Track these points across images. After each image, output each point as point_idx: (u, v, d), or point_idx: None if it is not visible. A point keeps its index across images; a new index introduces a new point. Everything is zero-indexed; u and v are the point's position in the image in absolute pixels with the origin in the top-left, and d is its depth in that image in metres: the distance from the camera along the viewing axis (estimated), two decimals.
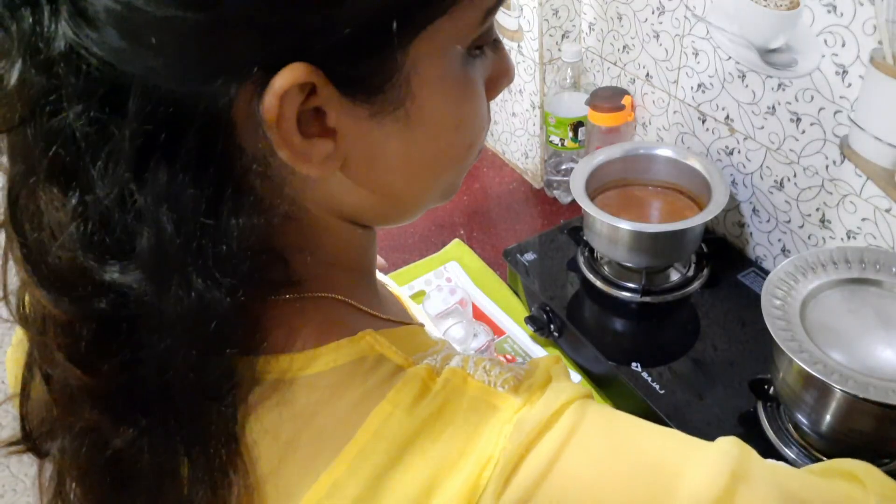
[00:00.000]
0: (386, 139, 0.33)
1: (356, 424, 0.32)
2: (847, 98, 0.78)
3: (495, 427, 0.32)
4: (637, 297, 0.94)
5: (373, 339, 0.36)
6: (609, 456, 0.33)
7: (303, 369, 0.34)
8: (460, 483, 0.30)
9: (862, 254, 0.72)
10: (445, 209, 1.30)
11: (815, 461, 0.72)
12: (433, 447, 0.32)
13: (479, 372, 0.35)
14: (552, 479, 0.31)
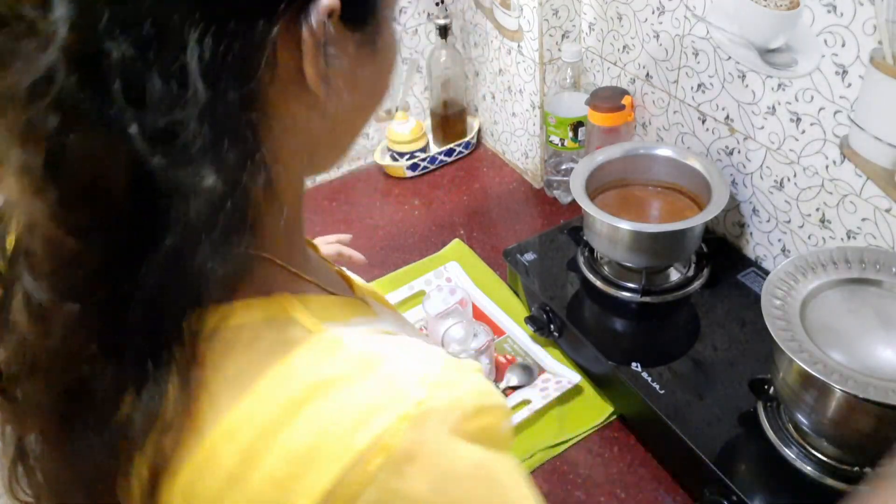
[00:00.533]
0: (363, 69, 0.39)
1: (255, 378, 0.34)
2: (847, 98, 0.78)
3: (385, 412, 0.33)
4: (637, 297, 0.94)
5: (287, 301, 0.38)
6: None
7: (224, 320, 0.36)
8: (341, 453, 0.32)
9: (862, 254, 0.72)
10: (445, 209, 1.30)
11: (815, 461, 0.72)
12: (321, 412, 0.33)
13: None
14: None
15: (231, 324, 0.36)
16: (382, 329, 0.41)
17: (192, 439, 0.34)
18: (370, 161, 1.47)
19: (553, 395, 0.90)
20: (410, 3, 1.35)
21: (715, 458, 0.74)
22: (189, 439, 0.34)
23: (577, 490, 0.82)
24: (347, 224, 1.30)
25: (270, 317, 0.37)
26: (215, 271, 0.33)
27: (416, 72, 1.44)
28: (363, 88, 0.40)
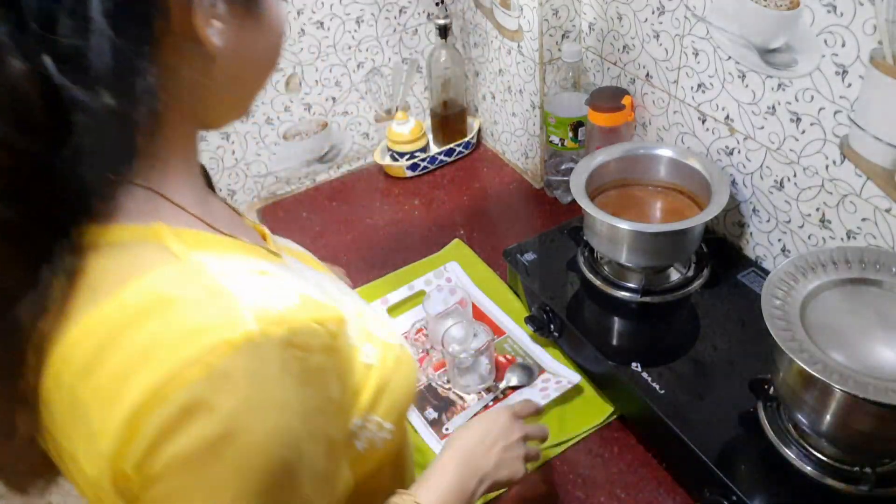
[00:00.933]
0: (249, 30, 0.45)
1: (116, 287, 0.40)
2: (847, 98, 0.78)
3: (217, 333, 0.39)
4: (637, 297, 0.94)
5: (162, 230, 0.43)
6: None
7: (103, 237, 0.42)
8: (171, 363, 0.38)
9: (862, 254, 0.72)
10: (445, 209, 1.30)
11: (815, 461, 0.72)
12: (163, 322, 0.39)
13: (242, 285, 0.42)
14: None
15: (108, 240, 0.42)
16: (262, 269, 0.46)
17: (62, 333, 0.40)
18: (370, 161, 1.47)
19: (553, 395, 0.90)
20: (410, 3, 1.35)
21: (715, 458, 0.74)
22: (60, 333, 0.40)
23: (577, 490, 0.82)
24: (347, 224, 1.30)
25: (143, 240, 0.43)
26: (100, 187, 0.40)
27: (416, 72, 1.44)
28: (250, 49, 0.46)
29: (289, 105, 1.33)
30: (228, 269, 0.43)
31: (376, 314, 0.61)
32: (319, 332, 0.45)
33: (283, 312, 0.42)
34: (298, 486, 0.43)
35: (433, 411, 0.93)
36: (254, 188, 1.38)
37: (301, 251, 0.68)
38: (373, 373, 0.53)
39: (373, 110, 1.44)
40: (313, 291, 0.48)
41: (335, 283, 0.61)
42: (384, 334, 0.57)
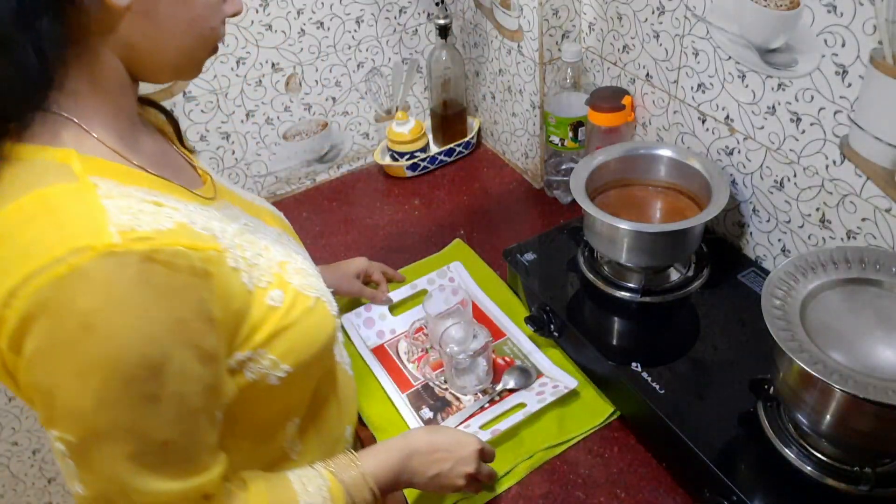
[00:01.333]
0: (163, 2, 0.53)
1: (15, 196, 0.49)
2: (847, 98, 0.78)
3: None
4: (637, 297, 0.94)
5: (71, 154, 0.51)
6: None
7: (16, 153, 0.51)
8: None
9: (862, 254, 0.72)
10: (446, 209, 1.30)
11: (815, 461, 0.72)
12: (41, 229, 0.48)
13: (126, 216, 0.49)
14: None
15: (22, 156, 0.51)
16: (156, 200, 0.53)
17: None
18: (370, 161, 1.47)
19: (549, 400, 0.90)
20: (410, 3, 1.35)
21: (715, 458, 0.74)
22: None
23: (577, 490, 0.82)
24: (347, 224, 1.30)
25: (52, 159, 0.51)
26: (13, 110, 0.50)
27: (416, 72, 1.44)
28: (155, 13, 0.53)
29: (289, 105, 1.33)
30: (117, 193, 0.50)
31: (307, 270, 0.67)
32: (188, 255, 0.51)
33: (149, 233, 0.49)
34: (166, 383, 0.50)
35: (429, 411, 0.93)
36: (254, 188, 1.38)
37: (262, 206, 0.76)
38: (274, 315, 0.60)
39: (373, 110, 1.44)
40: (204, 225, 0.55)
41: (272, 237, 0.68)
42: (301, 286, 0.63)
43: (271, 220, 0.74)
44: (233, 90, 1.25)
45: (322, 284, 0.68)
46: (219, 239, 0.56)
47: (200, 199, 0.61)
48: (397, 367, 1.00)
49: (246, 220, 0.66)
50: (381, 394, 0.96)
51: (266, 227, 0.70)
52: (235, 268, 0.57)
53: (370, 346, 1.03)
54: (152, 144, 0.63)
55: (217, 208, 0.62)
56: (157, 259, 0.48)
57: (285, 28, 1.25)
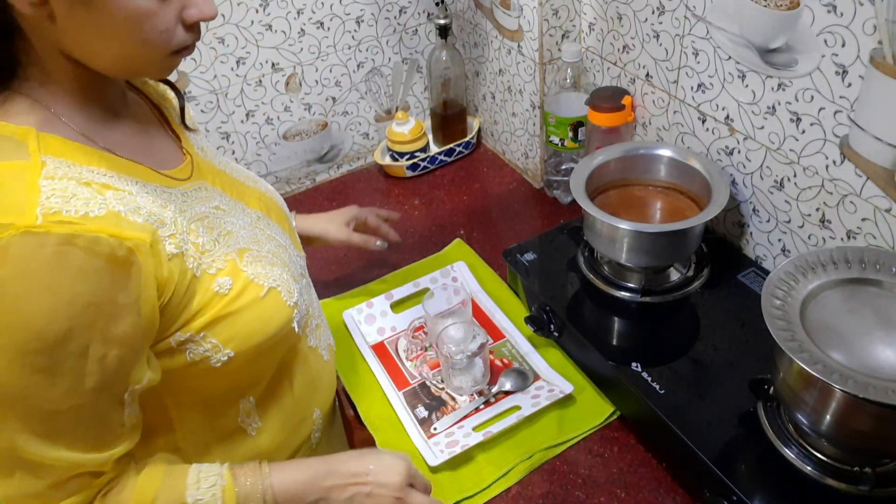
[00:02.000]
0: (78, 11, 0.52)
1: None
2: (847, 98, 0.78)
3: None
4: (637, 297, 0.94)
5: (29, 133, 0.54)
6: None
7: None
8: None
9: (862, 254, 0.72)
10: (446, 209, 1.30)
11: (815, 461, 0.72)
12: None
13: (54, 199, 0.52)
14: None
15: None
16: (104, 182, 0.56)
17: None
18: (370, 161, 1.47)
19: (543, 404, 0.90)
20: (410, 3, 1.35)
21: (715, 458, 0.74)
22: None
23: (577, 490, 0.82)
24: None
25: (10, 136, 0.54)
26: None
27: (416, 72, 1.44)
28: (77, 20, 0.52)
29: (289, 105, 1.33)
30: (63, 174, 0.53)
31: (270, 258, 0.69)
32: (109, 242, 0.52)
33: (74, 218, 0.51)
34: (62, 359, 0.52)
35: (424, 409, 0.93)
36: None
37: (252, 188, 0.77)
38: (219, 301, 0.62)
39: (373, 110, 1.44)
40: (150, 210, 0.57)
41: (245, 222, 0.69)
42: (255, 274, 0.66)
43: (255, 202, 0.75)
44: (233, 90, 1.25)
45: (286, 275, 0.70)
46: (160, 226, 0.58)
47: (166, 181, 0.63)
48: (395, 365, 1.00)
49: (220, 202, 0.68)
50: (379, 391, 0.96)
51: (245, 210, 0.72)
52: (177, 253, 0.59)
53: (370, 342, 1.03)
54: (131, 126, 0.65)
55: (185, 189, 0.65)
56: (76, 243, 0.51)
57: (285, 28, 1.25)
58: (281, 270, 0.69)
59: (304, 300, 0.74)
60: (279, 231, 0.76)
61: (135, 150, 0.62)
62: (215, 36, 1.19)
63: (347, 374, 0.99)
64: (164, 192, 0.61)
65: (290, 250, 0.76)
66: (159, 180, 0.62)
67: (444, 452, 0.86)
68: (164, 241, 0.58)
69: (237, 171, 0.78)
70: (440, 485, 0.84)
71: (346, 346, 1.03)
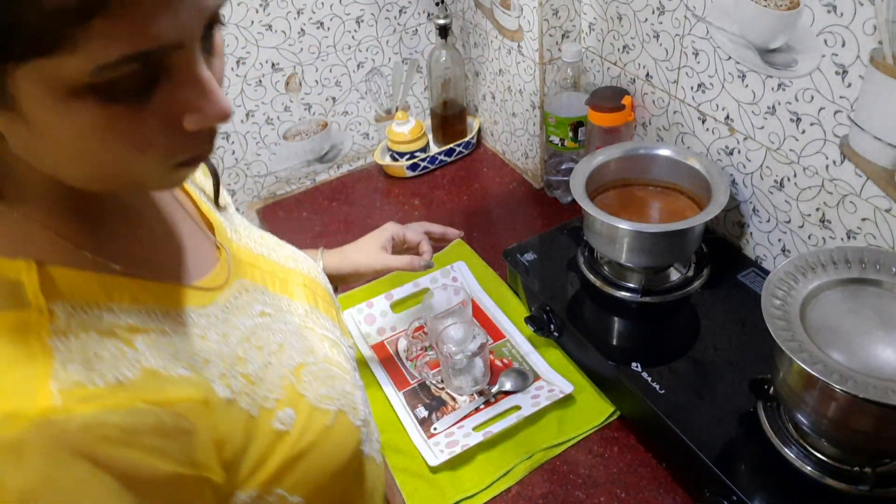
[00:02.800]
0: (17, 129, 0.37)
1: None
2: (847, 98, 0.78)
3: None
4: (637, 297, 0.94)
5: (24, 266, 0.40)
6: None
7: None
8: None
9: (862, 254, 0.72)
10: (446, 209, 1.30)
11: (815, 461, 0.72)
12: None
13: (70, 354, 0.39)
14: None
15: None
16: (131, 325, 0.43)
17: None
18: (370, 161, 1.47)
19: (543, 404, 0.90)
20: (410, 3, 1.35)
21: (715, 458, 0.74)
22: None
23: (577, 490, 0.82)
24: (347, 224, 1.30)
25: (1, 275, 0.39)
26: None
27: (416, 72, 1.44)
28: (36, 149, 0.39)
29: (289, 105, 1.33)
30: (77, 324, 0.40)
31: (330, 366, 0.55)
32: (154, 413, 0.40)
33: (101, 389, 0.38)
34: None
35: (423, 409, 0.93)
36: (254, 188, 1.38)
37: (293, 268, 0.64)
38: (285, 441, 0.49)
39: (373, 110, 1.44)
40: (191, 353, 0.44)
41: (293, 325, 0.56)
42: (318, 397, 0.53)
43: (300, 291, 0.62)
44: (233, 90, 1.25)
45: (348, 385, 0.57)
46: (205, 367, 0.46)
47: (202, 298, 0.50)
48: (396, 365, 1.00)
49: (265, 303, 0.56)
50: (379, 391, 0.96)
51: (291, 305, 0.59)
52: (230, 398, 0.46)
53: (370, 342, 1.03)
54: (151, 229, 0.51)
55: (224, 302, 0.51)
56: (109, 422, 0.38)
57: (285, 28, 1.25)
58: (343, 381, 0.57)
59: (367, 406, 0.61)
60: (329, 324, 0.63)
61: (161, 264, 0.49)
62: None
63: None
64: (202, 315, 0.49)
65: (343, 345, 0.63)
66: (194, 300, 0.49)
67: (444, 452, 0.86)
68: (214, 387, 0.45)
69: (274, 248, 0.64)
70: (440, 485, 0.84)
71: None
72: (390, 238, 0.91)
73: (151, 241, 0.50)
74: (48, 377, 0.37)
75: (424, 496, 0.83)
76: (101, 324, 0.41)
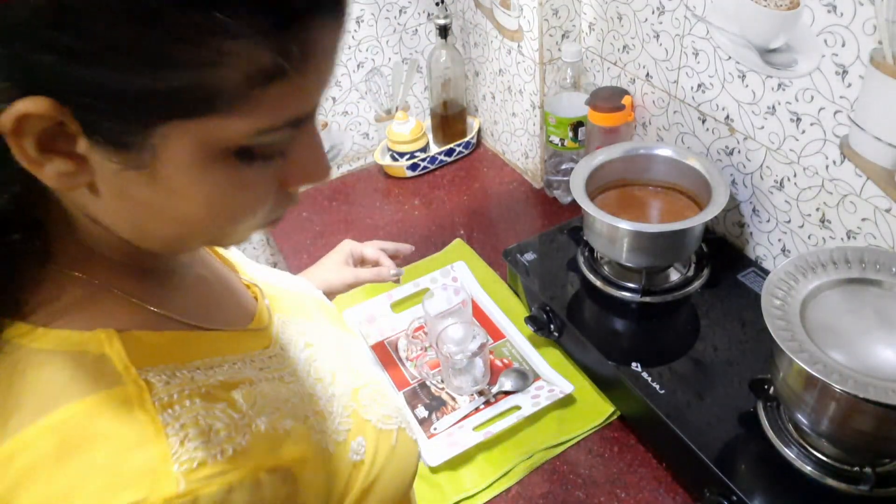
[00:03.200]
0: (136, 186, 0.35)
1: (46, 410, 0.35)
2: (847, 98, 0.78)
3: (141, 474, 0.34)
4: (637, 297, 0.94)
5: (105, 337, 0.37)
6: None
7: (31, 342, 0.37)
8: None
9: (862, 254, 0.72)
10: (446, 209, 1.30)
11: (815, 461, 0.72)
12: (84, 466, 0.34)
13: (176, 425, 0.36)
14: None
15: (39, 346, 0.37)
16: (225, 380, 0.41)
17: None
18: (370, 161, 1.47)
19: (544, 404, 0.90)
20: (410, 3, 1.35)
21: (715, 458, 0.74)
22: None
23: (577, 490, 0.82)
24: (347, 224, 1.30)
25: (81, 350, 0.37)
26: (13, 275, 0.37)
27: (416, 72, 1.44)
28: (147, 209, 0.37)
29: None
30: (178, 390, 0.37)
31: (378, 387, 0.54)
32: (273, 483, 0.39)
33: (223, 464, 0.36)
34: None
35: (424, 409, 0.93)
36: None
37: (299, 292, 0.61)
38: (361, 471, 0.48)
39: (373, 110, 1.44)
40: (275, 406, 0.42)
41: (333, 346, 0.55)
42: (381, 418, 0.51)
43: (317, 309, 0.60)
44: None
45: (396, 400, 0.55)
46: (294, 415, 0.43)
47: (261, 341, 0.47)
48: (396, 365, 1.00)
49: (305, 335, 0.53)
50: None
51: (322, 329, 0.57)
52: (316, 440, 0.44)
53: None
54: (199, 278, 0.49)
55: (275, 342, 0.49)
56: (236, 501, 0.36)
57: None
58: (393, 397, 0.55)
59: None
60: (352, 339, 0.61)
61: (220, 311, 0.47)
62: None
63: None
64: (268, 358, 0.46)
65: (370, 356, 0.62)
66: (258, 343, 0.47)
67: (444, 452, 0.86)
68: (312, 434, 0.43)
69: (276, 275, 0.61)
70: (440, 485, 0.84)
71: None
72: (349, 253, 0.89)
73: (205, 289, 0.48)
74: (168, 459, 0.35)
75: (424, 496, 0.83)
76: (197, 385, 0.39)
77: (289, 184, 0.39)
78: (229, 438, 0.38)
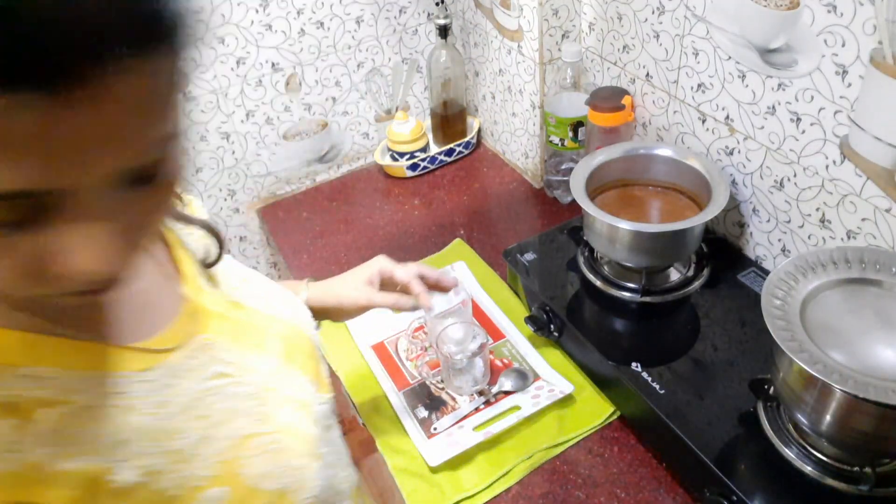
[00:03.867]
0: None
1: None
2: (847, 98, 0.78)
3: None
4: (637, 297, 0.94)
5: None
6: None
7: None
8: None
9: (862, 254, 0.72)
10: (446, 209, 1.30)
11: (815, 461, 0.72)
12: None
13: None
14: None
15: None
16: (45, 395, 0.39)
17: None
18: (370, 161, 1.47)
19: (544, 404, 0.90)
20: (410, 3, 1.35)
21: (715, 458, 0.74)
22: None
23: (577, 490, 0.82)
24: (347, 224, 1.30)
25: None
26: None
27: (416, 72, 1.44)
28: None
29: (289, 105, 1.33)
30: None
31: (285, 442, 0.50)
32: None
33: None
34: None
35: (424, 409, 0.93)
36: (254, 188, 1.38)
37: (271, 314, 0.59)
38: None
39: (373, 110, 1.44)
40: (89, 437, 0.40)
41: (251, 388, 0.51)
42: (261, 475, 0.48)
43: (275, 342, 0.57)
44: (233, 90, 1.25)
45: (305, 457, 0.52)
46: (111, 453, 0.41)
47: (139, 361, 0.45)
48: (395, 365, 1.00)
49: (224, 363, 0.50)
50: (379, 391, 0.96)
51: (259, 359, 0.54)
52: (137, 482, 0.41)
53: (370, 342, 1.03)
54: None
55: (174, 363, 0.46)
56: None
57: (285, 28, 1.25)
58: (294, 455, 0.51)
59: (327, 475, 0.54)
60: (301, 381, 0.58)
61: (102, 321, 0.45)
62: (215, 36, 1.19)
63: (347, 374, 0.99)
64: (138, 382, 0.44)
65: (314, 404, 0.57)
66: (133, 363, 0.44)
67: (445, 452, 0.86)
68: (115, 473, 0.40)
69: (259, 294, 0.59)
70: (440, 485, 0.84)
71: (347, 346, 1.03)
72: (378, 273, 0.82)
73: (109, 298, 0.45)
74: None
75: (424, 496, 0.83)
76: (2, 392, 0.37)
77: (54, 264, 0.34)
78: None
